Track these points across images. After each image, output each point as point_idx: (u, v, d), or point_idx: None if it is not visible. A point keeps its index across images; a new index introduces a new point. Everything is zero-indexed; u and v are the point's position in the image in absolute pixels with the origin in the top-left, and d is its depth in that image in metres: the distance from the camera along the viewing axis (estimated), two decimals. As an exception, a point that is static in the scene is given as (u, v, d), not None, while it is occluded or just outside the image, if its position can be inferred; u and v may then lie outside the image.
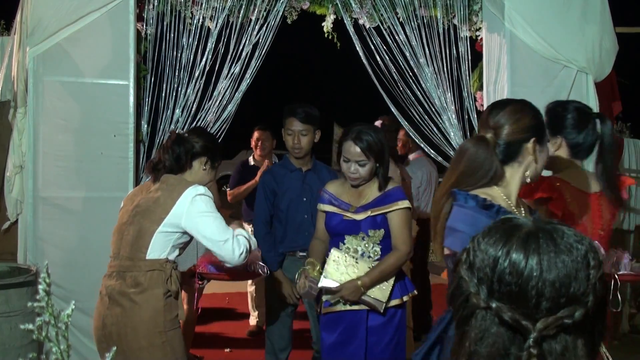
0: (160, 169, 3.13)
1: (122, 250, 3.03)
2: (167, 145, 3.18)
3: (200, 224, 2.99)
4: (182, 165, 3.16)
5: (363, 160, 3.34)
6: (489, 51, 4.69)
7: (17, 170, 4.25)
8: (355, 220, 3.38)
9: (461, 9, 4.63)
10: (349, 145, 3.36)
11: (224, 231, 3.01)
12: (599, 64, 4.61)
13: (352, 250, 3.37)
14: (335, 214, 3.45)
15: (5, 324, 3.60)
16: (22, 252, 4.21)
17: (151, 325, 2.92)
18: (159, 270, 2.96)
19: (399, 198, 3.40)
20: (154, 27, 4.34)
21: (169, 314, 2.97)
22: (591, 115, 2.92)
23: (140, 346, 2.91)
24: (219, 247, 3.00)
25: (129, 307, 2.93)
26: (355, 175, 3.37)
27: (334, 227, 3.44)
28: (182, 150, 3.16)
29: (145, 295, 2.93)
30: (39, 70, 4.12)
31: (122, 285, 2.97)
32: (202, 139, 3.24)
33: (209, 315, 6.63)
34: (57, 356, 0.99)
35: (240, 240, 3.06)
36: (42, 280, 1.03)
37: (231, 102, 4.44)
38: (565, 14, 4.58)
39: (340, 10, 4.58)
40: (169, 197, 2.99)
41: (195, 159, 3.21)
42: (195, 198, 2.99)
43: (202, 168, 3.24)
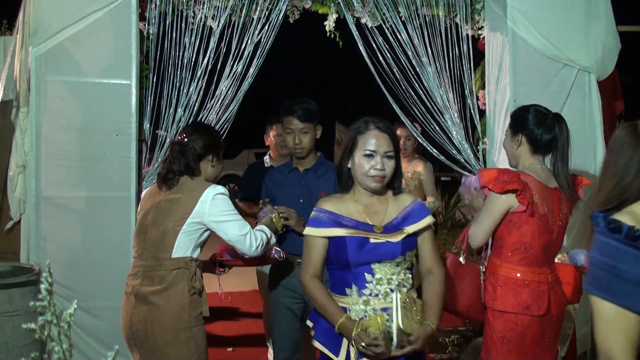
0: (172, 179, 3.23)
1: (147, 250, 3.16)
2: (173, 157, 3.27)
3: (220, 222, 3.15)
4: (194, 170, 3.26)
5: (391, 152, 2.73)
6: (491, 50, 4.68)
7: (20, 169, 4.26)
8: (391, 242, 2.69)
9: (463, 7, 4.62)
10: (374, 135, 2.73)
11: (242, 226, 3.19)
12: (602, 62, 4.61)
13: (386, 281, 2.68)
14: (354, 238, 2.68)
15: (8, 323, 3.60)
16: (25, 251, 4.21)
17: (177, 321, 3.05)
18: (184, 269, 3.09)
19: (426, 211, 2.84)
20: (156, 26, 4.33)
21: (193, 310, 3.10)
22: (548, 115, 3.23)
23: (166, 341, 3.03)
24: (238, 241, 3.19)
25: (155, 305, 3.06)
26: (382, 174, 2.71)
27: (359, 255, 2.66)
28: (189, 157, 3.25)
29: (171, 293, 3.06)
30: (42, 69, 4.13)
31: (148, 284, 3.10)
32: (201, 138, 3.31)
33: (211, 314, 6.62)
34: (60, 355, 0.99)
35: (257, 235, 3.25)
36: (45, 280, 1.03)
37: (233, 101, 4.44)
38: (567, 13, 4.57)
39: (343, 9, 4.58)
40: (190, 197, 3.14)
41: (201, 160, 3.32)
42: (216, 197, 3.15)
43: (211, 165, 3.37)
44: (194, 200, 3.13)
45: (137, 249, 3.24)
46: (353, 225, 2.71)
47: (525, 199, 3.04)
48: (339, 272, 2.74)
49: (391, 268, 2.68)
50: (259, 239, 3.24)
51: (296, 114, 3.73)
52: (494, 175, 3.12)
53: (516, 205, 3.07)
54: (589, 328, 4.87)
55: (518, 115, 3.32)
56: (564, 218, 3.20)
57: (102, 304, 4.10)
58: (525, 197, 3.04)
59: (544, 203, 3.10)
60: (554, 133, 3.18)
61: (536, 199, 3.08)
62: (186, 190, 3.18)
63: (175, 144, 3.33)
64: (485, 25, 4.70)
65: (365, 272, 2.67)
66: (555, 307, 3.14)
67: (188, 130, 3.39)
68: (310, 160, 3.85)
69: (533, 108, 3.29)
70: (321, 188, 3.63)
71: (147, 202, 3.30)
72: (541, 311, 3.08)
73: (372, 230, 2.70)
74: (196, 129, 3.39)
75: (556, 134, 3.18)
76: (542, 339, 3.15)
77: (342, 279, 2.72)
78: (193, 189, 3.17)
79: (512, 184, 3.05)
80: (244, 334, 6.06)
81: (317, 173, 3.81)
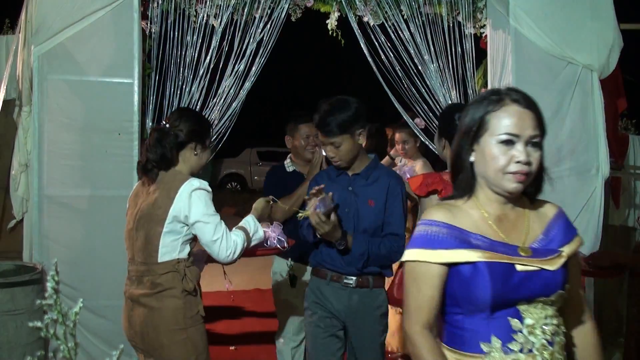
0: (152, 169, 3.06)
1: (136, 255, 3.07)
2: (150, 144, 3.08)
3: (195, 221, 2.97)
4: (170, 160, 3.07)
5: (537, 137, 1.85)
6: (493, 48, 4.68)
7: (23, 168, 4.26)
8: (548, 271, 1.82)
9: (465, 6, 4.62)
10: (513, 113, 1.84)
11: (216, 230, 2.98)
12: (604, 60, 4.60)
13: (540, 329, 1.81)
14: (494, 265, 1.79)
15: (11, 322, 3.61)
16: (28, 250, 4.22)
17: (172, 323, 2.96)
18: (173, 272, 2.98)
19: (572, 226, 2.00)
20: (158, 25, 4.33)
21: (189, 311, 3.00)
22: None
23: (161, 344, 2.96)
24: (208, 246, 3.02)
25: (149, 307, 2.99)
26: (526, 169, 1.83)
27: (505, 290, 1.78)
28: (166, 146, 3.05)
29: (164, 296, 2.98)
30: (44, 68, 4.13)
31: (141, 289, 3.02)
32: (186, 124, 3.11)
33: (214, 313, 6.64)
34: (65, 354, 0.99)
35: (230, 241, 3.02)
36: (51, 278, 1.03)
37: (236, 100, 4.44)
38: (569, 11, 4.57)
39: (345, 8, 4.57)
40: (167, 197, 2.97)
41: (184, 147, 3.12)
42: (193, 193, 2.96)
43: (194, 154, 3.14)
44: (170, 199, 2.96)
45: (129, 253, 3.14)
46: (487, 246, 1.83)
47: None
48: (466, 317, 1.85)
49: (543, 309, 1.83)
50: (231, 247, 3.01)
51: (325, 129, 3.19)
52: (420, 180, 3.23)
53: None
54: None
55: (443, 119, 3.29)
56: None
57: (105, 303, 4.11)
58: (446, 195, 3.10)
59: None
60: None
61: None
62: (163, 188, 3.01)
63: (155, 130, 3.13)
64: (487, 23, 4.70)
65: (510, 315, 1.81)
66: None
67: (172, 116, 3.20)
68: (360, 164, 3.31)
69: (453, 106, 3.42)
70: (371, 196, 3.23)
71: (132, 204, 3.17)
72: None
73: (517, 253, 1.84)
74: (181, 114, 3.19)
75: None
76: None
77: (473, 328, 1.83)
78: (169, 187, 2.99)
79: (433, 185, 3.14)
80: (246, 332, 6.06)
81: (367, 179, 3.28)
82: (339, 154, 3.20)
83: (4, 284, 3.62)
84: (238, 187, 19.75)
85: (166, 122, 3.15)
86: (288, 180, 4.10)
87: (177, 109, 3.49)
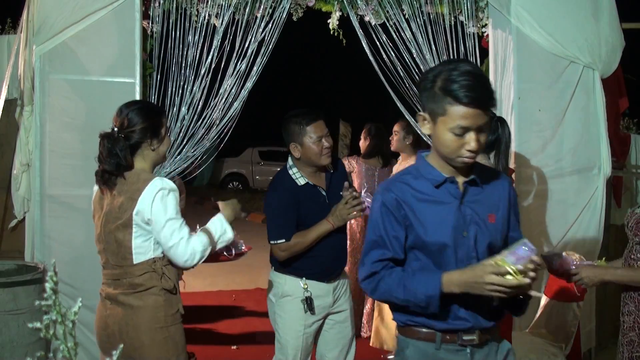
0: (109, 178, 2.94)
1: (110, 259, 2.98)
2: (103, 155, 2.93)
3: (155, 222, 2.86)
4: (127, 166, 2.93)
5: None
6: (495, 47, 4.68)
7: (24, 168, 4.27)
8: None
9: (467, 5, 4.61)
10: None
11: (172, 236, 2.86)
12: (606, 60, 4.61)
13: None
14: None
15: (13, 321, 3.61)
16: (30, 250, 4.22)
17: (152, 322, 2.91)
18: (151, 272, 2.92)
19: None
20: (159, 25, 4.33)
21: (169, 309, 2.94)
22: (492, 118, 3.31)
23: (142, 344, 2.89)
24: (166, 251, 2.91)
25: (129, 308, 2.92)
26: None
27: None
28: (119, 154, 2.90)
29: (143, 296, 2.92)
30: (45, 68, 4.13)
31: (120, 290, 2.95)
32: (135, 124, 2.94)
33: (216, 312, 6.64)
34: (65, 354, 0.99)
35: (189, 246, 2.89)
36: (50, 279, 1.03)
37: (237, 100, 4.44)
38: (571, 10, 4.56)
39: (346, 7, 4.57)
40: (131, 199, 2.88)
41: (139, 147, 2.98)
42: (155, 197, 2.85)
43: (151, 149, 2.99)
44: (133, 201, 2.86)
45: (102, 257, 3.04)
46: None
47: None
48: None
49: None
50: (188, 253, 2.87)
51: (491, 102, 2.16)
52: None
53: None
54: (593, 325, 4.87)
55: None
56: None
57: (106, 302, 4.10)
58: None
59: None
60: (497, 134, 3.53)
61: None
62: (127, 190, 2.90)
63: (104, 138, 2.94)
64: (489, 22, 4.69)
65: None
66: None
67: (119, 116, 2.98)
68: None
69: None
70: (490, 211, 2.30)
71: (97, 207, 3.06)
72: None
73: None
74: (128, 114, 2.96)
75: (499, 135, 3.54)
76: None
77: None
78: (134, 189, 2.89)
79: None
80: (248, 332, 6.06)
81: (484, 188, 2.31)
82: (481, 144, 2.17)
83: (5, 283, 3.62)
84: (240, 187, 19.75)
85: (114, 126, 2.97)
86: (302, 197, 3.49)
87: (122, 107, 3.04)
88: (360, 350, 5.47)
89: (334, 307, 3.62)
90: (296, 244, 3.44)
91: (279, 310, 3.57)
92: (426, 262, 2.25)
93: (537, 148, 4.65)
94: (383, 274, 2.24)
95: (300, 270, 3.52)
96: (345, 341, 3.70)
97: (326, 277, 3.56)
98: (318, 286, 3.54)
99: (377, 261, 2.25)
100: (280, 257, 3.49)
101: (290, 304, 3.53)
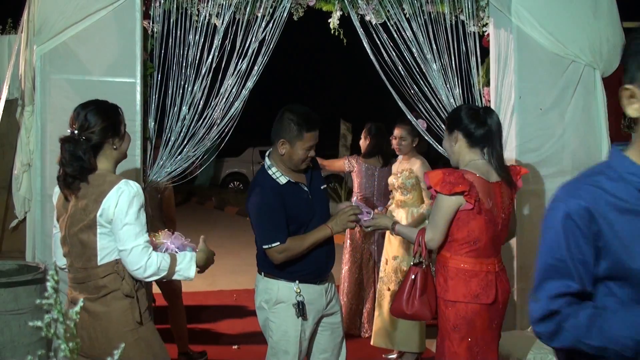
0: (73, 182, 2.88)
1: (75, 262, 2.93)
2: (65, 158, 2.87)
3: (114, 225, 2.83)
4: (90, 169, 2.89)
5: None
6: (496, 47, 4.67)
7: (25, 168, 4.27)
8: None
9: (468, 4, 4.60)
10: None
11: (128, 240, 2.80)
12: (607, 58, 4.60)
13: None
14: None
15: (14, 321, 3.61)
16: (30, 249, 4.23)
17: (119, 326, 2.86)
18: (114, 274, 2.87)
19: None
20: (160, 24, 4.33)
21: (136, 309, 2.88)
22: (479, 110, 3.41)
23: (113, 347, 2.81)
24: (119, 253, 2.85)
25: (94, 312, 2.87)
26: None
27: None
28: (82, 157, 2.86)
29: (108, 299, 2.87)
30: (46, 68, 4.13)
31: (84, 294, 2.88)
32: (95, 125, 2.90)
33: (217, 312, 6.64)
34: (65, 353, 0.99)
35: (144, 256, 2.82)
36: (51, 277, 1.03)
37: (238, 99, 4.44)
38: (572, 9, 4.56)
39: (347, 7, 4.57)
40: (95, 202, 2.83)
41: (102, 147, 2.93)
42: (119, 199, 2.81)
43: (113, 148, 2.96)
44: (98, 203, 2.81)
45: (67, 261, 2.99)
46: None
47: (472, 198, 3.18)
48: None
49: None
50: (141, 263, 2.80)
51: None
52: (440, 177, 3.25)
53: (464, 203, 3.21)
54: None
55: (452, 115, 3.53)
56: (506, 210, 3.37)
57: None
58: (472, 197, 3.18)
59: (488, 198, 3.25)
60: (487, 125, 3.34)
61: (481, 196, 3.22)
62: (92, 192, 2.85)
63: (65, 142, 2.89)
64: (489, 22, 4.69)
65: None
66: (502, 294, 3.32)
67: (77, 118, 2.92)
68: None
69: (464, 106, 3.56)
70: None
71: (61, 210, 3.00)
72: (489, 299, 3.25)
73: None
74: (86, 115, 2.91)
75: (489, 126, 3.34)
76: (490, 325, 3.30)
77: None
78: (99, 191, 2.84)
79: (458, 185, 3.18)
80: (249, 331, 6.05)
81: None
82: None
83: (7, 283, 3.63)
84: (240, 187, 19.76)
85: (73, 129, 2.91)
86: (286, 195, 3.42)
87: (78, 109, 2.98)
88: (361, 350, 5.49)
89: (327, 309, 3.59)
90: (294, 247, 3.36)
91: (273, 317, 3.46)
92: (628, 297, 1.66)
93: (538, 147, 4.64)
94: (567, 313, 1.66)
95: (294, 273, 3.43)
96: (337, 342, 3.68)
97: (318, 278, 3.52)
98: (311, 289, 3.47)
99: (557, 296, 1.68)
100: (276, 260, 3.37)
101: (284, 311, 3.43)
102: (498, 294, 3.29)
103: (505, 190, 3.38)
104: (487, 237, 3.27)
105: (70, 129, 2.92)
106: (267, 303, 3.47)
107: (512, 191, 3.44)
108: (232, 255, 9.12)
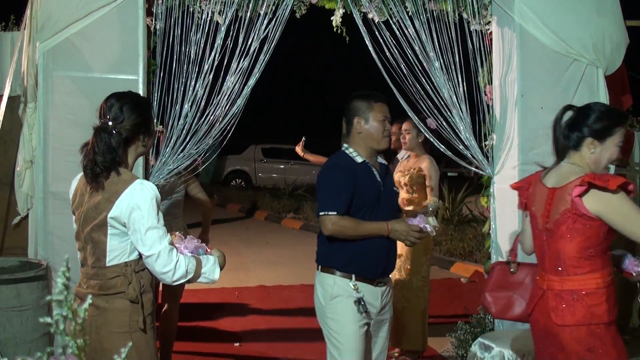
0: (100, 174, 2.77)
1: (88, 259, 2.87)
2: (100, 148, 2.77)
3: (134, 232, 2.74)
4: (120, 162, 2.79)
5: None
6: (498, 45, 4.67)
7: (28, 165, 4.27)
8: None
9: (471, 2, 4.60)
10: None
11: (154, 245, 2.73)
12: (609, 57, 4.60)
13: None
14: None
15: (16, 318, 3.62)
16: (33, 246, 4.23)
17: (114, 326, 2.77)
18: (121, 276, 2.79)
19: None
20: (163, 22, 4.33)
21: (135, 314, 2.78)
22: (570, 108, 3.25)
23: (102, 348, 2.74)
24: (145, 259, 2.77)
25: (94, 308, 2.79)
26: None
27: None
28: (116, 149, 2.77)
29: (110, 298, 2.79)
30: (49, 65, 4.14)
31: (89, 290, 2.82)
32: (129, 118, 2.80)
33: (219, 309, 6.65)
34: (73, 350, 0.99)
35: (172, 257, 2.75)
36: (62, 274, 1.03)
37: (240, 97, 4.44)
38: (575, 7, 4.56)
39: (349, 5, 4.57)
40: (108, 201, 2.75)
41: (132, 142, 2.85)
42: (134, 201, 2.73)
43: (142, 145, 2.89)
44: (111, 203, 2.73)
45: (81, 256, 2.92)
46: None
47: (523, 197, 3.13)
48: None
49: None
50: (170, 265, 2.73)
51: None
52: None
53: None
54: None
55: (606, 119, 3.09)
56: (552, 221, 2.85)
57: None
58: (523, 195, 3.15)
59: (536, 202, 2.97)
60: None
61: (532, 196, 3.02)
62: (106, 190, 2.76)
63: (101, 131, 2.78)
64: (492, 20, 4.69)
65: None
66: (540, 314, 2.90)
67: (111, 109, 2.82)
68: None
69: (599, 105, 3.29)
70: None
71: (77, 204, 2.91)
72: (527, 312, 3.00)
73: None
74: (121, 107, 2.81)
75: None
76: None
77: None
78: (113, 190, 2.75)
79: (520, 182, 3.27)
80: (251, 329, 6.07)
81: None
82: None
83: (9, 280, 3.63)
84: (242, 184, 19.77)
85: (107, 120, 2.80)
86: (359, 174, 3.38)
87: (113, 99, 2.85)
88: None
89: (379, 315, 3.43)
90: (347, 225, 3.27)
91: (331, 313, 3.34)
92: None
93: (540, 146, 4.63)
94: None
95: (350, 267, 3.33)
96: (384, 345, 3.55)
97: (375, 278, 3.36)
98: (367, 289, 3.34)
99: None
100: (326, 229, 3.27)
101: (342, 305, 3.31)
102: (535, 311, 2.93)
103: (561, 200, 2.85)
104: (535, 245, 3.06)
105: (103, 119, 2.81)
106: (324, 299, 3.38)
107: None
108: (234, 253, 9.12)
